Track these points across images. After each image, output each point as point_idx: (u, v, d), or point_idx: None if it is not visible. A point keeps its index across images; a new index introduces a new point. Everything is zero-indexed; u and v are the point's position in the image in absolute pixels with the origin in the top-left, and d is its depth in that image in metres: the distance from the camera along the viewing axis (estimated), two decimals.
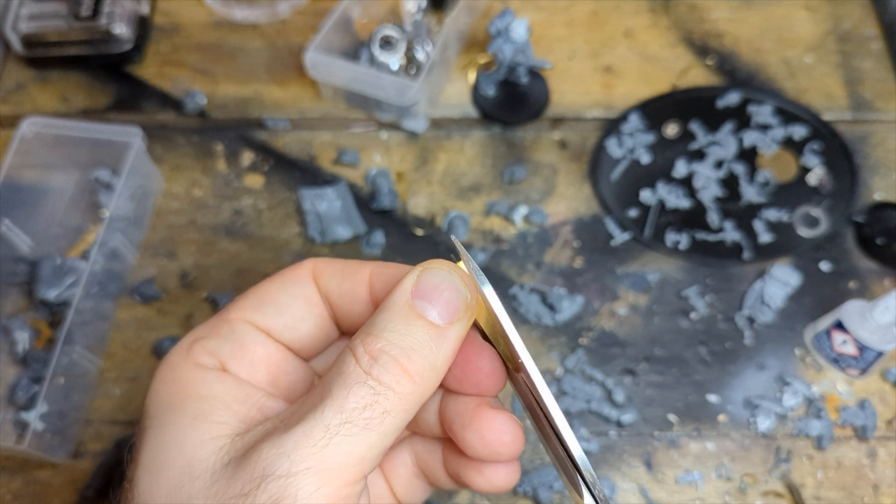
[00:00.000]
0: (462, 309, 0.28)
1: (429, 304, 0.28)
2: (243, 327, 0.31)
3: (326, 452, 0.25)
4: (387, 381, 0.26)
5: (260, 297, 0.32)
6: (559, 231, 0.56)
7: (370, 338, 0.27)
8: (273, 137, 0.60)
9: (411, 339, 0.27)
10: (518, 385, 0.30)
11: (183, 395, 0.29)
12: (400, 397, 0.26)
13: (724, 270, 0.54)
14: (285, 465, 0.25)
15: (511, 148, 0.59)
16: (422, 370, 0.27)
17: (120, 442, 0.48)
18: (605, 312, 0.53)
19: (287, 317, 0.32)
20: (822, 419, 0.49)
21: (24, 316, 0.51)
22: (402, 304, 0.28)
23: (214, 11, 0.65)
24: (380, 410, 0.26)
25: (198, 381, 0.30)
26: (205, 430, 0.28)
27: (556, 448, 0.29)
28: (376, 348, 0.27)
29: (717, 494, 0.47)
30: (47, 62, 0.62)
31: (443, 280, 0.28)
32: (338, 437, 0.25)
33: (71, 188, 0.56)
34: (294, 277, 0.32)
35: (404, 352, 0.27)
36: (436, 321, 0.27)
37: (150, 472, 0.27)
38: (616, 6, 0.65)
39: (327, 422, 0.25)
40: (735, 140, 0.59)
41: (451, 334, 0.28)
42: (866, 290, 0.53)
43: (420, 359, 0.27)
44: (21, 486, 0.47)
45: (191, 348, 0.31)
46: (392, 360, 0.27)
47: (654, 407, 0.50)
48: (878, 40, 0.64)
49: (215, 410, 0.29)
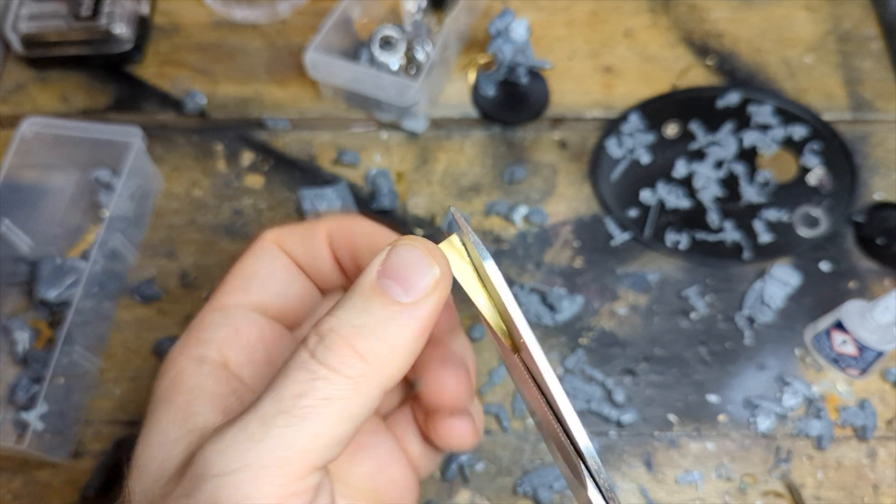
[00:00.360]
0: (430, 284, 0.25)
1: (393, 281, 0.25)
2: (235, 311, 0.31)
3: (263, 447, 0.23)
4: (332, 362, 0.24)
5: (241, 276, 0.32)
6: (559, 231, 0.56)
7: (324, 317, 0.25)
8: (273, 137, 0.60)
9: (366, 317, 0.25)
10: (516, 369, 0.29)
11: (173, 389, 0.29)
12: (349, 380, 0.24)
13: (724, 270, 0.54)
14: (219, 463, 0.23)
15: (511, 148, 0.59)
16: (375, 350, 0.24)
17: (120, 442, 0.48)
18: (605, 312, 0.53)
19: (274, 286, 0.32)
20: (822, 419, 0.49)
21: (24, 316, 0.51)
22: (366, 283, 0.25)
23: (214, 11, 0.65)
24: (319, 396, 0.23)
25: (189, 374, 0.29)
26: (182, 424, 0.27)
27: (557, 435, 0.27)
28: (325, 328, 0.25)
29: (717, 494, 0.47)
30: (47, 62, 0.62)
31: (408, 255, 0.25)
32: (275, 430, 0.23)
33: (71, 188, 0.56)
34: (263, 249, 0.32)
35: (356, 329, 0.24)
36: (400, 298, 0.25)
37: (138, 471, 0.27)
38: (616, 6, 0.65)
39: (263, 413, 0.23)
40: (735, 140, 0.59)
41: (418, 312, 0.25)
42: (866, 290, 0.53)
43: (374, 337, 0.24)
44: (21, 486, 0.47)
45: (187, 342, 0.30)
46: (340, 339, 0.24)
47: (654, 407, 0.50)
48: (878, 40, 0.64)
49: (196, 403, 0.28)
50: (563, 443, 0.26)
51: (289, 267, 0.33)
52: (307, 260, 0.33)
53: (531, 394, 0.27)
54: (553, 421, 0.26)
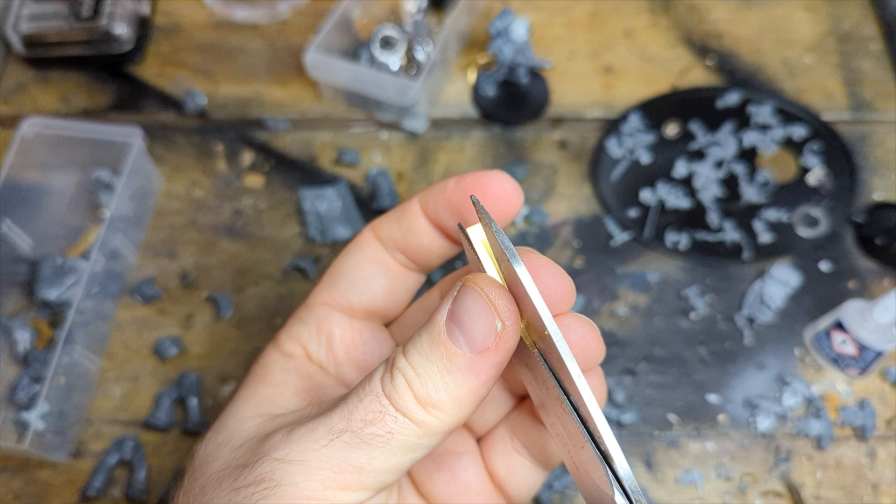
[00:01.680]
0: (492, 337, 0.25)
1: (459, 330, 0.25)
2: (320, 310, 0.33)
3: (324, 452, 0.25)
4: (399, 403, 0.25)
5: (331, 276, 0.34)
6: (559, 231, 0.56)
7: (398, 355, 0.26)
8: (273, 137, 0.60)
9: (430, 367, 0.25)
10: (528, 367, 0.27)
11: (261, 377, 0.32)
12: (414, 422, 0.25)
13: (724, 270, 0.54)
14: (284, 450, 0.26)
15: (511, 148, 0.59)
16: (437, 402, 0.25)
17: (120, 441, 0.48)
18: (605, 312, 0.53)
19: (358, 283, 0.33)
20: (821, 419, 0.49)
21: (25, 316, 0.51)
22: (435, 324, 0.26)
23: (215, 11, 0.65)
24: (385, 429, 0.25)
25: (277, 367, 0.32)
26: (259, 408, 0.30)
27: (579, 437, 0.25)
28: (396, 367, 0.26)
29: (716, 494, 0.47)
30: (48, 62, 0.62)
31: (473, 304, 0.25)
32: (338, 442, 0.25)
33: (71, 188, 0.56)
34: (355, 245, 0.34)
35: (418, 377, 0.25)
36: (462, 349, 0.25)
37: (213, 430, 0.30)
38: (616, 6, 0.65)
39: (332, 425, 0.26)
40: (735, 140, 0.59)
41: (480, 366, 0.25)
42: (866, 290, 0.53)
43: (435, 390, 0.25)
44: (21, 486, 0.47)
45: (278, 337, 0.33)
46: (404, 383, 0.26)
47: (654, 407, 0.50)
48: (877, 40, 0.64)
49: (281, 395, 0.31)
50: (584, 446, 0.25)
51: (376, 259, 0.33)
52: (405, 239, 0.33)
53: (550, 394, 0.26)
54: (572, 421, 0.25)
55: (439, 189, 0.31)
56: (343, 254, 0.34)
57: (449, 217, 0.32)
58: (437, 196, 0.31)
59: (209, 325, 0.52)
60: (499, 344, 0.25)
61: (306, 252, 0.55)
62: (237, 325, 0.52)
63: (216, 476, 0.27)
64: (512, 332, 0.26)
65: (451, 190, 0.31)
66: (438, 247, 0.33)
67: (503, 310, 0.25)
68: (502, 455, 0.33)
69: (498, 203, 0.30)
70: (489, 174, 0.30)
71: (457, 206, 0.31)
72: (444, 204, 0.31)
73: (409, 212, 0.33)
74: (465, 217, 0.31)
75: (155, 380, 0.50)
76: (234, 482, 0.26)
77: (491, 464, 0.34)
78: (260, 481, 0.25)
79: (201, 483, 0.28)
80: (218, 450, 0.29)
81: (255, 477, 0.26)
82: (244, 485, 0.26)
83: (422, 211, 0.32)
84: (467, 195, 0.30)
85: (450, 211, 0.31)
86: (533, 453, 0.33)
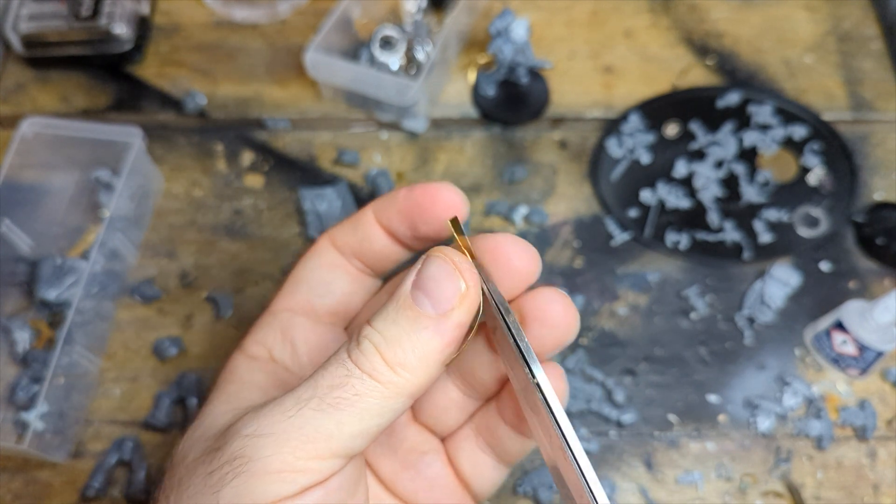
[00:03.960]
0: (456, 298, 0.27)
1: (423, 294, 0.28)
2: (283, 316, 0.35)
3: (292, 422, 0.26)
4: (365, 367, 0.27)
5: (291, 283, 0.36)
6: (559, 231, 0.56)
7: (363, 325, 0.28)
8: (273, 137, 0.60)
9: (396, 328, 0.27)
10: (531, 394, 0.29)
11: (227, 379, 0.34)
12: (380, 384, 0.27)
13: (724, 270, 0.54)
14: (252, 426, 0.27)
15: (511, 148, 0.59)
16: (404, 361, 0.27)
17: (120, 442, 0.48)
18: (605, 312, 0.53)
19: (318, 287, 0.35)
20: (822, 419, 0.49)
21: (24, 316, 0.51)
22: (401, 293, 0.28)
23: (214, 11, 0.65)
24: (351, 392, 0.26)
25: (243, 369, 0.34)
26: (230, 403, 0.31)
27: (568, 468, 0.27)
28: (362, 335, 0.28)
29: (717, 494, 0.47)
30: (47, 62, 0.62)
31: (437, 268, 0.28)
32: (306, 410, 0.26)
33: (71, 188, 0.56)
34: (313, 252, 0.36)
35: (385, 340, 0.27)
36: (427, 310, 0.27)
37: (188, 431, 0.32)
38: (616, 6, 0.65)
39: (298, 395, 0.27)
40: (735, 140, 0.59)
41: (444, 325, 0.27)
42: (866, 290, 0.53)
43: (402, 350, 0.27)
44: (21, 486, 0.47)
45: (244, 343, 0.35)
46: (371, 347, 0.27)
47: (654, 407, 0.50)
48: (878, 40, 0.64)
49: (245, 390, 0.32)
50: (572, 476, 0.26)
51: (333, 264, 0.36)
52: (360, 246, 0.35)
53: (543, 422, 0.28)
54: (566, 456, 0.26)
55: (391, 199, 0.34)
56: (301, 261, 0.36)
57: (400, 224, 0.34)
58: (390, 205, 0.34)
59: (209, 325, 0.52)
60: (462, 303, 0.28)
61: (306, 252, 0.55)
62: (237, 325, 0.52)
63: (191, 465, 0.28)
64: (474, 293, 0.28)
65: (403, 200, 0.33)
66: (391, 252, 0.35)
67: (466, 272, 0.28)
68: (468, 453, 0.35)
69: (446, 211, 0.33)
70: (436, 186, 0.33)
71: (407, 214, 0.33)
72: (396, 212, 0.34)
73: (363, 220, 0.35)
74: (415, 224, 0.34)
75: (155, 380, 0.50)
76: (208, 467, 0.27)
77: (457, 461, 0.35)
78: (232, 460, 0.26)
79: (178, 476, 0.28)
80: (195, 445, 0.30)
81: (227, 457, 0.26)
82: (217, 466, 0.26)
83: (375, 219, 0.35)
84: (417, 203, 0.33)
85: (400, 219, 0.34)
86: (497, 452, 0.35)
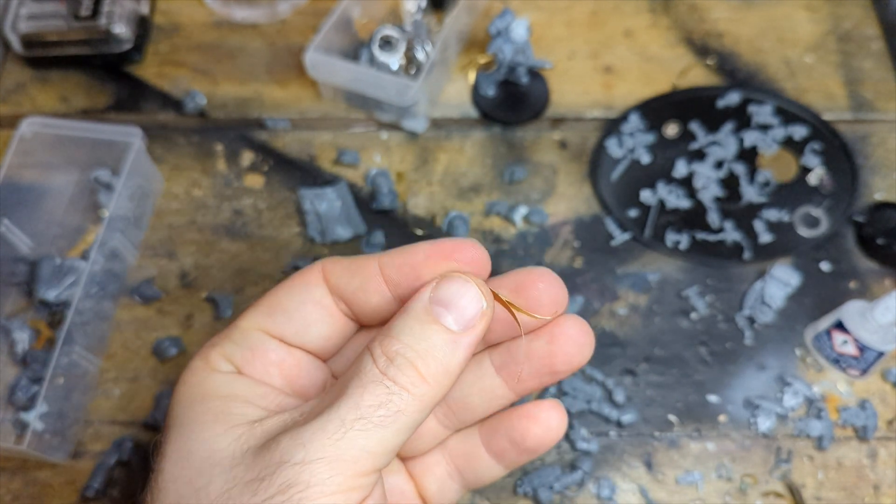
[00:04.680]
0: (478, 317, 0.29)
1: (445, 310, 0.29)
2: (255, 335, 0.33)
3: (340, 445, 0.27)
4: (402, 381, 0.28)
5: (270, 305, 0.33)
6: (559, 231, 0.56)
7: (388, 340, 0.29)
8: (273, 137, 0.59)
9: (427, 343, 0.29)
10: None
11: (204, 395, 0.31)
12: (414, 398, 0.28)
13: (725, 270, 0.54)
14: (301, 454, 0.27)
15: (511, 148, 0.59)
16: (435, 373, 0.28)
17: (119, 442, 0.48)
18: (605, 312, 0.53)
19: (297, 323, 0.33)
20: (822, 419, 0.49)
21: (24, 316, 0.51)
22: (420, 309, 0.29)
23: (214, 11, 0.65)
24: (394, 409, 0.28)
25: (217, 383, 0.32)
26: (225, 422, 0.30)
27: None
28: (392, 350, 0.28)
29: (717, 495, 0.47)
30: (47, 62, 0.62)
31: (461, 287, 0.29)
32: (352, 432, 0.27)
33: (71, 188, 0.56)
34: (303, 282, 0.33)
35: (419, 355, 0.28)
36: (451, 327, 0.29)
37: (175, 460, 0.29)
38: (616, 6, 0.65)
39: (343, 417, 0.27)
40: (735, 140, 0.59)
41: (466, 340, 0.29)
42: (867, 291, 0.53)
43: (434, 362, 0.28)
44: (21, 486, 0.47)
45: (208, 355, 0.33)
46: (407, 363, 0.28)
47: (654, 407, 0.50)
48: (878, 40, 0.64)
49: (235, 405, 0.31)
50: None
51: (320, 304, 0.33)
52: (352, 293, 0.33)
53: None
54: None
55: (406, 254, 0.32)
56: (287, 286, 0.33)
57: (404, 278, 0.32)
58: (403, 258, 0.31)
59: (209, 325, 0.52)
60: (482, 320, 0.29)
61: (306, 252, 0.55)
62: None
63: (222, 499, 0.27)
64: (490, 311, 0.30)
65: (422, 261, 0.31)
66: (386, 309, 0.33)
67: (485, 291, 0.30)
68: (436, 477, 0.37)
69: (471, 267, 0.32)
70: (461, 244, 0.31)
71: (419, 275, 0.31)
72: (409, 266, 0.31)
73: (366, 270, 0.32)
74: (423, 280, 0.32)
75: (154, 380, 0.50)
76: (253, 497, 0.27)
77: (422, 482, 0.37)
78: (286, 489, 0.26)
79: None
80: (200, 477, 0.28)
81: (279, 486, 0.26)
82: (269, 496, 0.26)
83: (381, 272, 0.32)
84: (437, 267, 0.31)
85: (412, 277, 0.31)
86: (468, 478, 0.37)
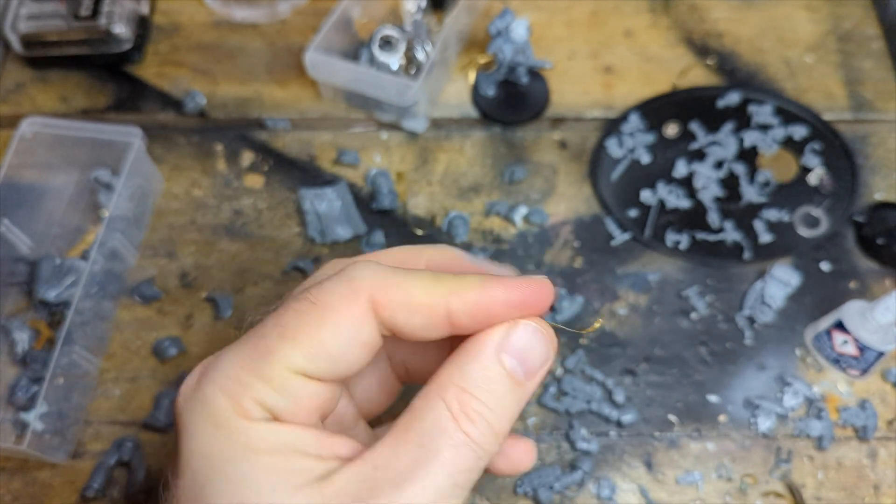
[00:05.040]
0: (542, 364, 0.29)
1: (517, 361, 0.29)
2: (295, 382, 0.28)
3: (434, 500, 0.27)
4: (485, 445, 0.28)
5: (311, 345, 0.28)
6: (559, 231, 0.56)
7: (465, 395, 0.28)
8: (273, 137, 0.59)
9: (502, 402, 0.28)
10: None
11: (252, 448, 0.27)
12: (489, 455, 0.28)
13: (725, 270, 0.54)
14: None
15: (511, 148, 0.59)
16: (507, 429, 0.29)
17: (119, 442, 0.48)
18: (605, 312, 0.53)
19: (342, 367, 0.29)
20: (822, 419, 0.49)
21: (24, 316, 0.51)
22: (490, 358, 0.28)
23: (214, 11, 0.65)
24: (478, 471, 0.28)
25: (262, 433, 0.28)
26: (288, 481, 0.27)
27: None
28: (472, 409, 0.28)
29: (717, 495, 0.47)
30: (47, 62, 0.62)
31: (531, 337, 0.29)
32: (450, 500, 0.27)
33: (71, 188, 0.56)
34: (350, 317, 0.28)
35: (497, 416, 0.28)
36: (519, 377, 0.29)
37: None
38: (616, 6, 0.65)
39: (440, 483, 0.27)
40: (735, 140, 0.59)
41: (530, 389, 0.29)
42: (867, 291, 0.53)
43: (508, 421, 0.29)
44: (21, 486, 0.47)
45: (240, 400, 0.28)
46: (487, 424, 0.28)
47: (654, 407, 0.50)
48: (878, 40, 0.64)
49: (294, 461, 0.27)
50: None
51: (367, 346, 0.29)
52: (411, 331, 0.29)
53: None
54: None
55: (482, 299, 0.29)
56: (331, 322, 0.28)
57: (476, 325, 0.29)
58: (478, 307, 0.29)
59: (209, 325, 0.52)
60: (544, 366, 0.29)
61: (306, 252, 0.55)
62: (237, 325, 0.52)
63: None
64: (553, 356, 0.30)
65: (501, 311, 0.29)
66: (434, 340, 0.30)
67: (553, 341, 0.30)
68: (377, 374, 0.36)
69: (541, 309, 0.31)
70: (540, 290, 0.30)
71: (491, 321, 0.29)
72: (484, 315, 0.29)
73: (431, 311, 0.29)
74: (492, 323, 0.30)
75: (154, 380, 0.50)
76: None
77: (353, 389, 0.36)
78: None
79: None
80: None
81: None
82: None
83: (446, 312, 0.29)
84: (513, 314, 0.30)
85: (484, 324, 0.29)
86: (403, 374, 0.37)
